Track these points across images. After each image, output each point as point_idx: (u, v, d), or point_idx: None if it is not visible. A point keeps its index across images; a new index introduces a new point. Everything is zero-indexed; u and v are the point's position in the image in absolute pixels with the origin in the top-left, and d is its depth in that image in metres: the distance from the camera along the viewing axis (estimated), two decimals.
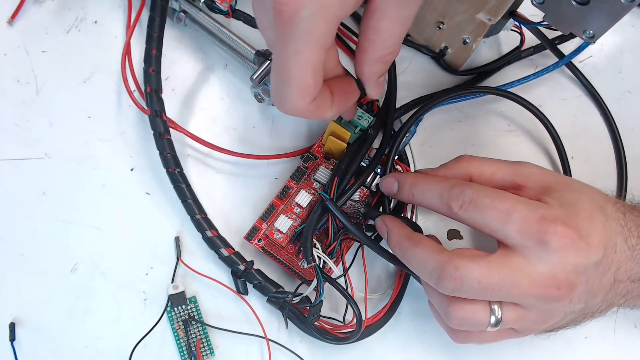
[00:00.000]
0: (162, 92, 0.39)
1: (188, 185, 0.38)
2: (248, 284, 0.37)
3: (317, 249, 0.33)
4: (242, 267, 0.36)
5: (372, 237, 0.36)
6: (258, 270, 0.37)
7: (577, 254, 0.28)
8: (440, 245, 0.31)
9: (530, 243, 0.28)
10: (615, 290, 0.30)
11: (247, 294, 0.37)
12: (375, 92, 0.32)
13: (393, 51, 0.30)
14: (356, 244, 0.37)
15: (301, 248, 0.34)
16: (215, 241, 0.37)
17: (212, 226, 0.37)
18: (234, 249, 0.37)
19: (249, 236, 0.37)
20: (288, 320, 0.36)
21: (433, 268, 0.29)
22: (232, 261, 0.36)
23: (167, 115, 0.39)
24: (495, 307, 0.29)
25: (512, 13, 0.38)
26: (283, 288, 0.36)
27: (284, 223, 0.36)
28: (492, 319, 0.29)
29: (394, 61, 0.42)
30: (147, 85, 0.38)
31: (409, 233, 0.32)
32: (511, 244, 0.29)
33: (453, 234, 0.40)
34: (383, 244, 0.35)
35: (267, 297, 0.36)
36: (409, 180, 0.34)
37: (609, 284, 0.30)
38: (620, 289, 0.30)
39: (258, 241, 0.37)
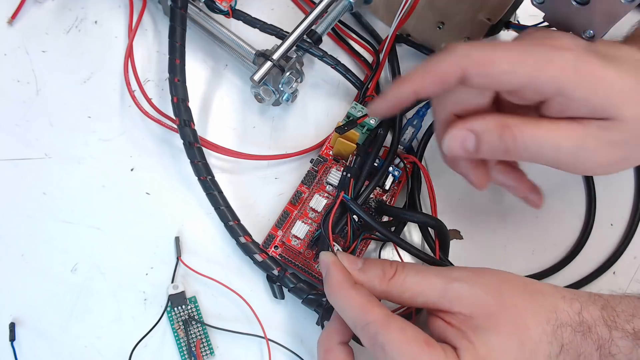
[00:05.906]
0: (189, 102, 0.38)
1: (220, 192, 0.37)
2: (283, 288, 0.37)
3: (339, 249, 0.33)
4: (276, 272, 0.36)
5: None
6: (293, 274, 0.36)
7: None
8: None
9: None
10: None
11: (283, 299, 0.37)
12: None
13: None
14: (371, 245, 0.37)
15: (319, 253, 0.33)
16: (249, 247, 0.36)
17: (245, 232, 0.37)
18: (267, 254, 0.36)
19: (265, 245, 0.37)
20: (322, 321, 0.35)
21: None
22: (267, 266, 0.36)
23: (167, 115, 0.39)
24: None
25: (507, 24, 0.38)
26: (317, 290, 0.36)
27: (301, 229, 0.36)
28: None
29: (397, 60, 0.43)
30: (174, 96, 0.37)
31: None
32: None
33: (453, 234, 0.40)
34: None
35: (301, 299, 0.36)
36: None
37: None
38: None
39: (275, 248, 0.37)
